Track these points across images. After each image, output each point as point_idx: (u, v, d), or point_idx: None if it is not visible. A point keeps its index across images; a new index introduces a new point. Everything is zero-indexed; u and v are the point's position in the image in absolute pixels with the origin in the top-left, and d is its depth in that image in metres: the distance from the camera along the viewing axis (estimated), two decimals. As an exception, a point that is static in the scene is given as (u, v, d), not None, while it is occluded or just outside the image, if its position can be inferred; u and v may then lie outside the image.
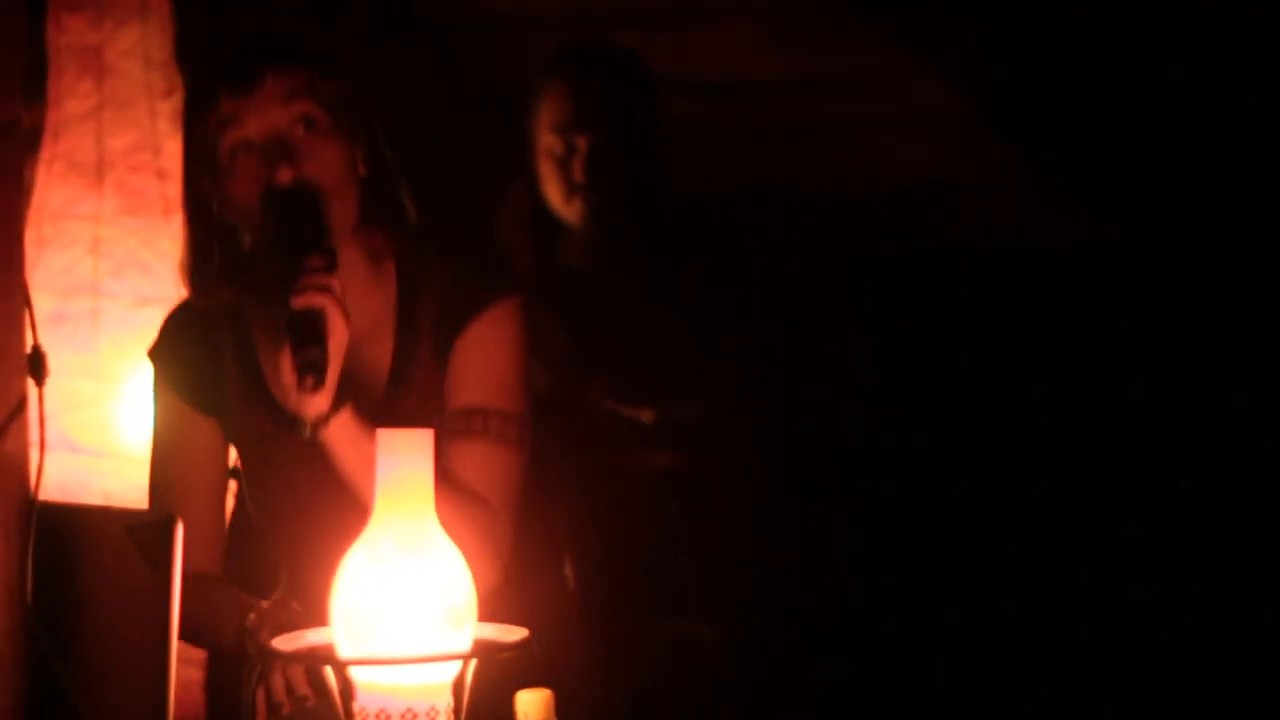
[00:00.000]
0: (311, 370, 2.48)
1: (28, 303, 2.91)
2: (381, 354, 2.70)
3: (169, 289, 3.51)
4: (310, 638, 2.23)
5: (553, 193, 3.93)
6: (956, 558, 4.47)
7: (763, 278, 4.07)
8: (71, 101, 3.65)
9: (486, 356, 2.68)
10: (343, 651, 2.15)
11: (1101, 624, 4.41)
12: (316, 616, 2.50)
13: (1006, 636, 4.42)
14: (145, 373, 3.50)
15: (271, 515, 2.80)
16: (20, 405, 2.88)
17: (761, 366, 3.99)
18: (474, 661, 2.15)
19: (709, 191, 4.25)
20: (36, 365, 2.87)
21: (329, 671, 2.14)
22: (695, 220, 4.03)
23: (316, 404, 2.51)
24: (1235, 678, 4.31)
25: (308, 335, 2.50)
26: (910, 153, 4.48)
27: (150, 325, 3.57)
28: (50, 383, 2.94)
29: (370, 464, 2.42)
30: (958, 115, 4.24)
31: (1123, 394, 4.52)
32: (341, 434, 2.53)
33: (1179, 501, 4.42)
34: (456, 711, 2.16)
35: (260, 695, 2.59)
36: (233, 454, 2.87)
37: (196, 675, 3.68)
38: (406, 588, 2.15)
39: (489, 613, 2.22)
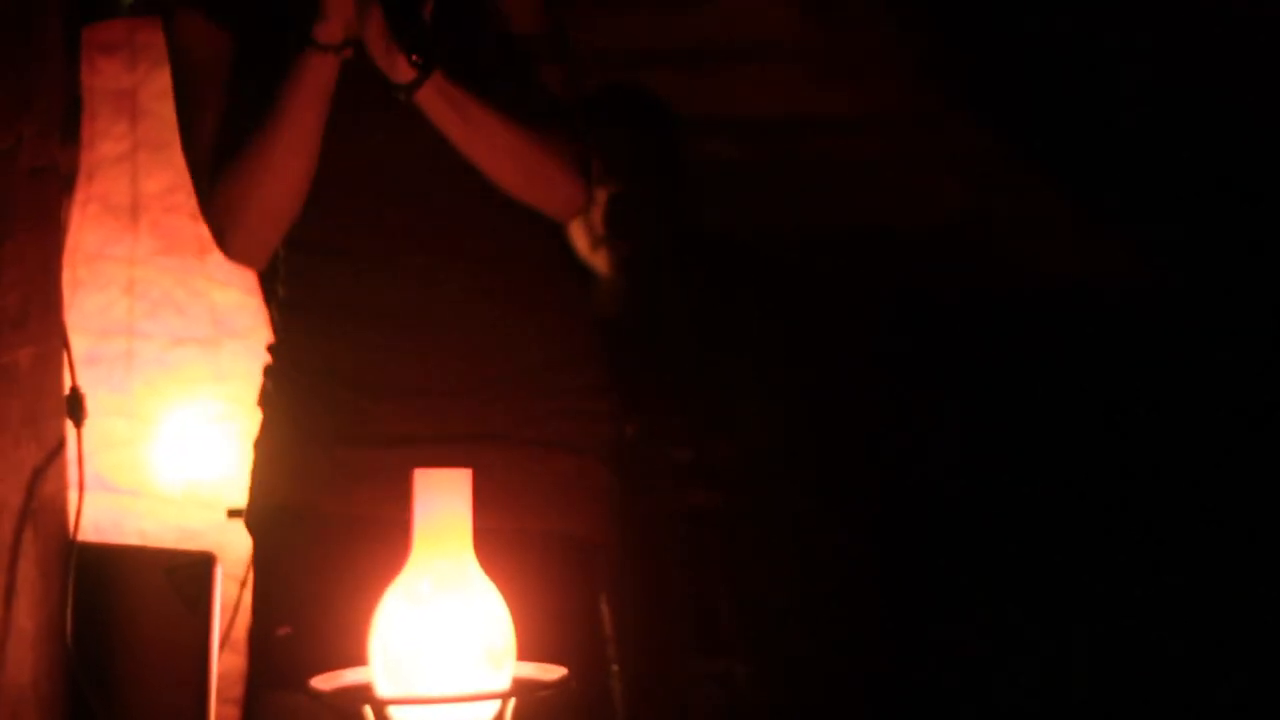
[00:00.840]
0: (417, 49, 2.48)
1: (66, 345, 2.94)
2: None
3: (204, 329, 3.52)
4: (349, 677, 2.23)
5: (579, 243, 3.94)
6: (995, 594, 4.47)
7: (801, 316, 4.07)
8: (106, 144, 3.66)
9: None
10: (381, 690, 2.15)
11: (1154, 670, 4.41)
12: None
13: (1045, 667, 4.42)
14: (180, 413, 3.53)
15: None
16: (59, 446, 2.90)
17: (799, 405, 3.99)
18: (513, 700, 2.15)
19: (749, 231, 4.26)
20: (75, 407, 2.90)
21: (368, 711, 2.15)
22: (734, 260, 4.04)
23: (412, 70, 2.51)
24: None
25: (405, 8, 2.48)
26: (952, 191, 4.48)
27: (185, 365, 3.59)
28: (86, 423, 2.97)
29: (469, 120, 2.53)
30: (1000, 153, 4.24)
31: (1166, 432, 4.51)
32: (437, 96, 2.54)
33: (1217, 539, 4.42)
34: (496, 750, 2.16)
35: None
36: None
37: (234, 714, 3.68)
38: (445, 627, 2.15)
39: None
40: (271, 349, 2.78)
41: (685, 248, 3.97)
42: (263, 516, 2.70)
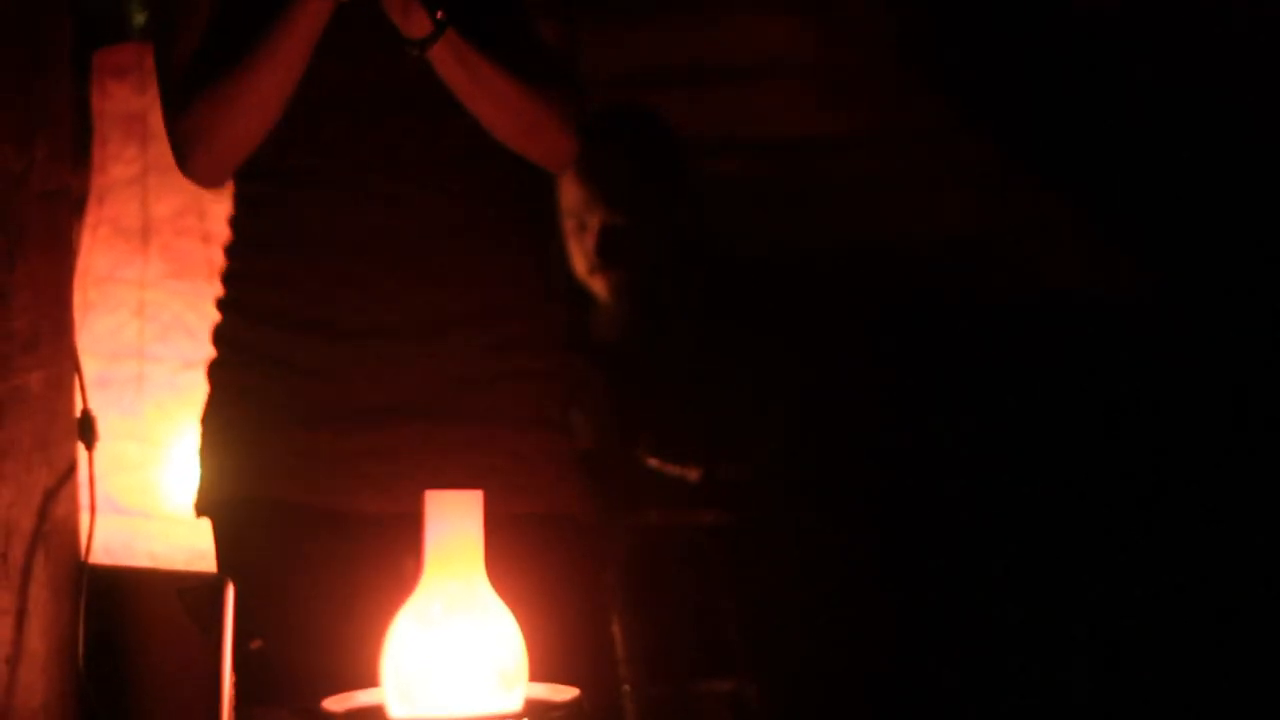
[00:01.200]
0: (439, 5, 2.46)
1: (77, 368, 2.95)
2: None
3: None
4: (361, 698, 2.24)
5: (577, 265, 3.96)
6: (1009, 611, 4.47)
7: (808, 331, 4.08)
8: (116, 167, 3.66)
9: None
10: (394, 712, 2.16)
11: (1154, 670, 4.41)
12: None
13: (1061, 687, 4.42)
14: (191, 436, 3.54)
15: None
16: (70, 469, 2.91)
17: (808, 422, 3.99)
18: (525, 721, 2.16)
19: (755, 248, 4.26)
20: (86, 430, 2.90)
21: (380, 732, 2.16)
22: (740, 277, 4.04)
23: (427, 24, 2.49)
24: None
25: None
26: (958, 205, 4.48)
27: (196, 388, 3.59)
28: (97, 446, 2.97)
29: (475, 75, 2.52)
30: (1005, 167, 4.25)
31: (1172, 443, 4.52)
32: (448, 50, 2.52)
33: (1217, 539, 4.42)
34: (509, 771, 2.17)
35: None
36: None
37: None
38: (457, 649, 2.16)
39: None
40: (220, 303, 2.73)
41: (688, 266, 3.98)
42: (222, 510, 2.65)
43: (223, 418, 2.67)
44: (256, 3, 2.56)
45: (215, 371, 2.72)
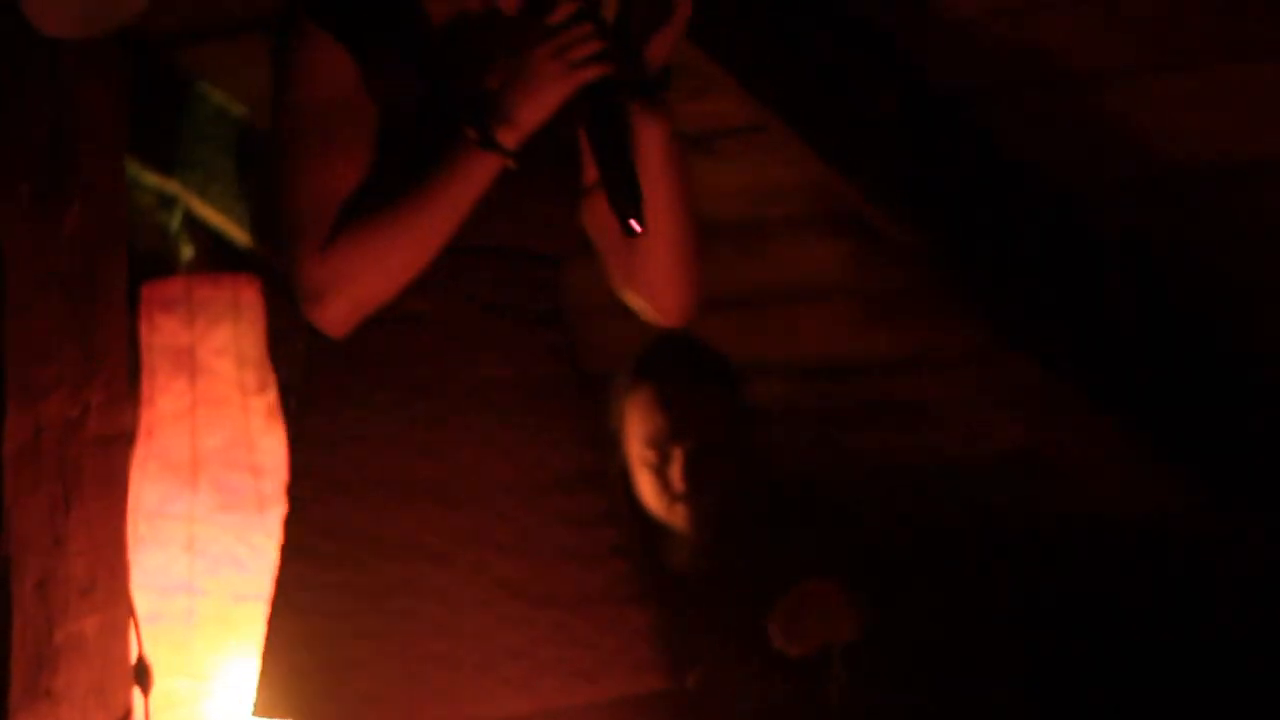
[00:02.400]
0: (634, 214, 2.35)
1: (132, 612, 2.95)
2: None
3: (264, 585, 3.51)
4: None
5: (652, 500, 3.93)
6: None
7: (861, 556, 4.06)
8: (165, 400, 3.69)
9: None
10: None
11: None
12: None
13: None
14: (239, 670, 3.52)
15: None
16: (126, 715, 2.90)
17: (865, 645, 3.96)
18: None
19: (806, 472, 4.26)
20: (142, 676, 2.91)
21: None
22: (794, 505, 4.04)
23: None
24: None
25: (621, 162, 2.36)
26: (1007, 427, 4.48)
27: (246, 622, 3.59)
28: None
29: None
30: (1052, 389, 4.24)
31: (1232, 668, 4.49)
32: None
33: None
34: None
35: None
36: None
37: None
38: None
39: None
40: (298, 495, 2.55)
41: (757, 496, 3.97)
42: None
43: (323, 647, 2.48)
44: (408, 140, 2.43)
45: (287, 584, 2.54)
